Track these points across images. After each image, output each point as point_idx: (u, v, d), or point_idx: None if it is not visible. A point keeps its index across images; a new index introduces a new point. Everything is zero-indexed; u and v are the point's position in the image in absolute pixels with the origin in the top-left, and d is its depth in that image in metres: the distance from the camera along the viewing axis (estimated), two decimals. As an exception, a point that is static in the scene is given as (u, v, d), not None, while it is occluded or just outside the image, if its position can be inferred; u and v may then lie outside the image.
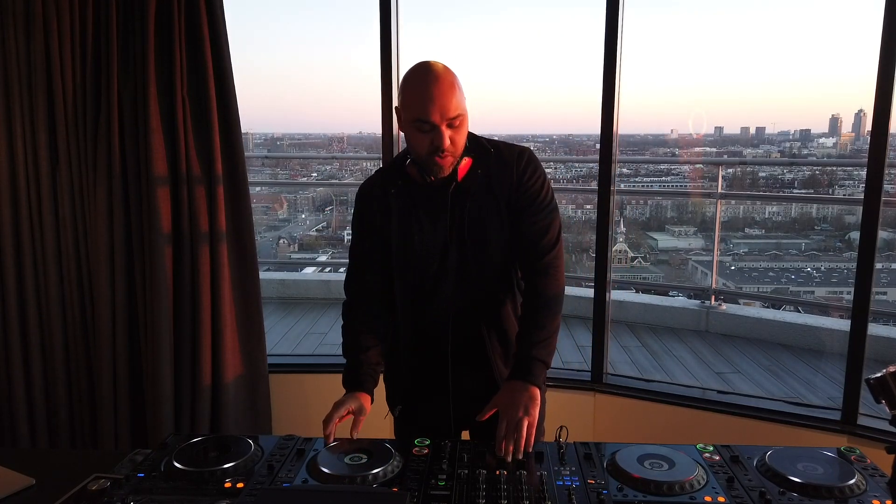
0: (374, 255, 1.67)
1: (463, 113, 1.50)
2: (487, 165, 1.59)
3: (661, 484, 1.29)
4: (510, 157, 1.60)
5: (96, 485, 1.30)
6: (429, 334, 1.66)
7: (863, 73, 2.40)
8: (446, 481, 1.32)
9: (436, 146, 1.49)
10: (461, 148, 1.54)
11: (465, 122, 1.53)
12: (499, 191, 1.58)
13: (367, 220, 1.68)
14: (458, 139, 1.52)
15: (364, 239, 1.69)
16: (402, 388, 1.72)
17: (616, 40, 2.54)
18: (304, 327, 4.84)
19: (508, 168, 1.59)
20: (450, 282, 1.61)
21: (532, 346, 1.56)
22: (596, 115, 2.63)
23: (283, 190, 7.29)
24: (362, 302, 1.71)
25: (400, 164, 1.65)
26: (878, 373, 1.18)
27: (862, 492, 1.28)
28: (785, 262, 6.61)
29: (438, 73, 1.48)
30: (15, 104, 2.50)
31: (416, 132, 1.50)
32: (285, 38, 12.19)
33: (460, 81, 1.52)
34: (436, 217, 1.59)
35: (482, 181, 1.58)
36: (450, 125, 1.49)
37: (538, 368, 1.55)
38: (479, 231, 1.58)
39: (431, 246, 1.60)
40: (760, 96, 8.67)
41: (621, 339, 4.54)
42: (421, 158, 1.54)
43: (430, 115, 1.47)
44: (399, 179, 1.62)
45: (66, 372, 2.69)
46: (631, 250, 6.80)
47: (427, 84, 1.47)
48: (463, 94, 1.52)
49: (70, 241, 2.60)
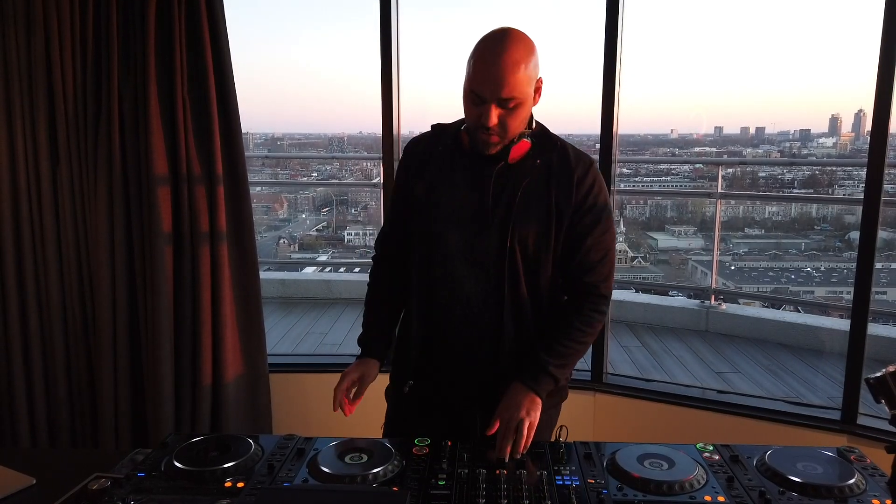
0: (405, 211, 1.61)
1: (521, 97, 1.40)
2: (549, 159, 1.51)
3: (660, 483, 1.29)
4: (574, 162, 1.52)
5: (97, 484, 1.29)
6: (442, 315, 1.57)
7: (863, 73, 2.40)
8: (446, 481, 1.32)
9: (482, 122, 1.41)
10: (514, 131, 1.46)
11: (525, 105, 1.43)
12: (554, 190, 1.49)
13: (403, 172, 1.63)
14: (510, 122, 1.43)
15: (399, 194, 1.64)
16: (412, 364, 1.63)
17: (616, 40, 2.54)
18: (304, 327, 4.84)
19: (569, 173, 1.51)
20: (470, 262, 1.52)
21: (551, 360, 1.52)
22: (596, 115, 2.63)
23: (283, 190, 7.29)
24: (387, 260, 1.70)
25: (457, 126, 1.58)
26: (878, 372, 1.18)
27: (862, 491, 1.28)
28: (785, 261, 6.61)
29: (506, 47, 1.37)
30: (15, 104, 2.50)
31: (469, 102, 1.44)
32: (285, 38, 12.19)
33: (536, 60, 1.42)
34: (473, 191, 1.51)
35: (540, 172, 1.50)
36: (501, 105, 1.40)
37: (547, 383, 1.52)
38: (524, 221, 1.49)
39: (457, 218, 1.52)
40: (760, 96, 8.68)
41: (621, 339, 4.54)
42: (470, 129, 1.49)
43: (482, 90, 1.39)
44: (450, 139, 1.56)
45: (67, 372, 2.69)
46: (631, 250, 6.80)
47: (488, 56, 1.39)
48: (531, 75, 1.41)
49: (70, 240, 2.60)
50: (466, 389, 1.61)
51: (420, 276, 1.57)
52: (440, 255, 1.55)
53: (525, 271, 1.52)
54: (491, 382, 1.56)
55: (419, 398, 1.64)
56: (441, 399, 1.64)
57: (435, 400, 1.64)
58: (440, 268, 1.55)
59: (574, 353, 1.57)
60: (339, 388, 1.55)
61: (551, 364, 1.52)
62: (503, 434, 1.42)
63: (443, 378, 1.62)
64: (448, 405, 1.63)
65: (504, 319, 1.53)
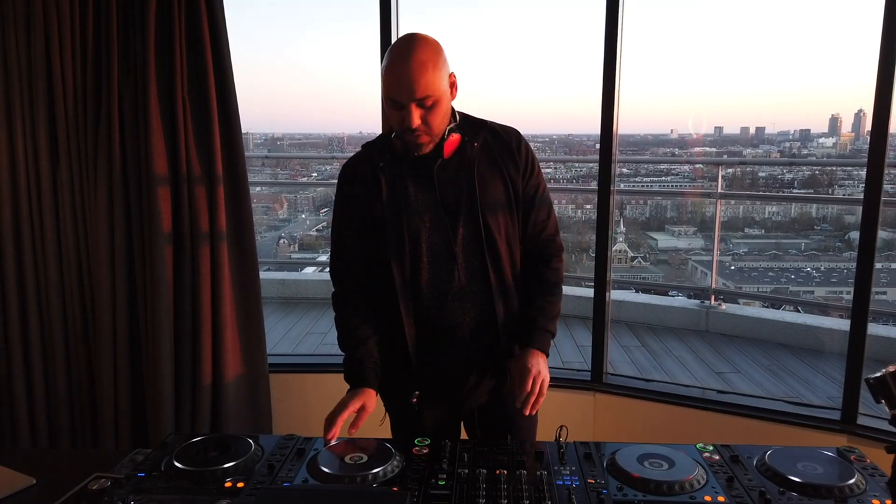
0: (360, 238, 1.62)
1: (435, 94, 1.46)
2: (485, 140, 1.59)
3: (660, 483, 1.29)
4: (507, 137, 1.62)
5: (97, 484, 1.30)
6: (433, 318, 1.60)
7: (863, 73, 2.40)
8: (446, 481, 1.32)
9: (406, 125, 1.47)
10: (438, 128, 1.51)
11: (442, 102, 1.48)
12: (503, 165, 1.58)
13: (352, 198, 1.62)
14: (432, 120, 1.48)
15: (349, 220, 1.64)
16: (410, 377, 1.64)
17: (616, 40, 2.54)
18: (304, 327, 4.84)
19: (508, 146, 1.60)
20: (457, 259, 1.57)
21: (544, 318, 1.64)
22: (596, 115, 2.63)
23: (283, 190, 7.29)
24: (353, 290, 1.66)
25: (385, 139, 1.62)
26: (878, 372, 1.18)
27: (862, 491, 1.28)
28: (785, 262, 6.61)
29: (412, 51, 1.44)
30: (15, 104, 2.50)
31: (390, 109, 1.50)
32: (285, 38, 12.19)
33: (444, 58, 1.48)
34: (427, 192, 1.56)
35: (483, 155, 1.58)
36: (420, 105, 1.46)
37: (548, 339, 1.65)
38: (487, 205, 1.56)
39: (426, 221, 1.56)
40: (760, 96, 8.68)
41: (621, 339, 4.54)
42: (398, 135, 1.54)
43: (398, 95, 1.45)
44: (387, 153, 1.60)
45: (67, 372, 2.69)
46: (631, 250, 6.80)
47: (398, 62, 1.44)
48: (442, 73, 1.47)
49: (70, 240, 2.60)
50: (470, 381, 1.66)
51: (404, 288, 1.58)
52: (420, 261, 1.57)
53: (503, 250, 1.60)
54: (492, 367, 1.65)
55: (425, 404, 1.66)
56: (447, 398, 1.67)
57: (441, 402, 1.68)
58: (424, 273, 1.58)
59: (557, 304, 1.69)
60: (338, 415, 1.47)
61: (548, 322, 1.65)
62: (536, 392, 1.52)
63: (446, 378, 1.65)
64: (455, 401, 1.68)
65: (495, 302, 1.60)
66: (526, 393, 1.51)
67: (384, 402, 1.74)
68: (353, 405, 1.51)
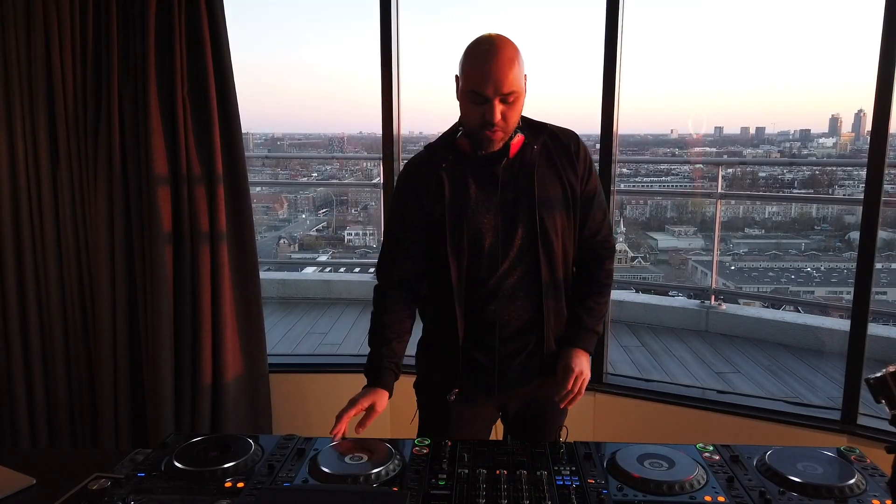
0: (413, 239, 1.64)
1: (518, 90, 1.50)
2: (544, 143, 1.62)
3: (661, 484, 1.29)
4: (566, 139, 1.64)
5: (97, 484, 1.30)
6: (482, 316, 1.62)
7: (863, 73, 2.40)
8: (446, 481, 1.32)
9: (486, 120, 1.49)
10: (513, 124, 1.55)
11: (521, 99, 1.53)
12: (562, 168, 1.61)
13: (411, 198, 1.64)
14: (510, 115, 1.52)
15: (405, 220, 1.65)
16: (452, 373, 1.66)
17: (616, 40, 2.54)
18: (304, 327, 4.84)
19: (567, 150, 1.63)
20: (512, 258, 1.60)
21: (592, 319, 1.69)
22: (596, 115, 2.63)
23: (283, 190, 7.29)
24: (395, 289, 1.67)
25: (450, 139, 1.64)
26: (878, 373, 1.18)
27: (862, 492, 1.28)
28: (785, 262, 6.61)
29: (498, 47, 1.48)
30: (15, 104, 2.50)
31: (470, 103, 1.51)
32: (285, 38, 12.19)
33: (522, 58, 1.52)
34: (489, 191, 1.59)
35: (543, 157, 1.60)
36: (503, 100, 1.49)
37: (594, 339, 1.71)
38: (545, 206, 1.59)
39: (486, 220, 1.59)
40: (760, 96, 8.67)
41: (621, 339, 4.54)
42: (472, 131, 1.56)
43: (485, 89, 1.47)
44: (450, 154, 1.62)
45: (67, 372, 2.69)
46: (631, 250, 6.80)
47: (486, 56, 1.47)
48: (522, 71, 1.52)
49: (70, 240, 2.60)
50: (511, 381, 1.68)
51: (460, 286, 1.60)
52: (479, 261, 1.60)
53: (559, 250, 1.63)
54: (535, 365, 1.68)
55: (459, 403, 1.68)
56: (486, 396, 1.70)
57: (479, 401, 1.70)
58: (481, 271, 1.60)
59: (605, 306, 1.74)
60: (345, 413, 1.51)
61: (593, 323, 1.70)
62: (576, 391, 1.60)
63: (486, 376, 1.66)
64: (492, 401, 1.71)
65: (545, 301, 1.63)
66: (567, 391, 1.59)
67: (418, 400, 1.77)
68: (362, 404, 1.53)
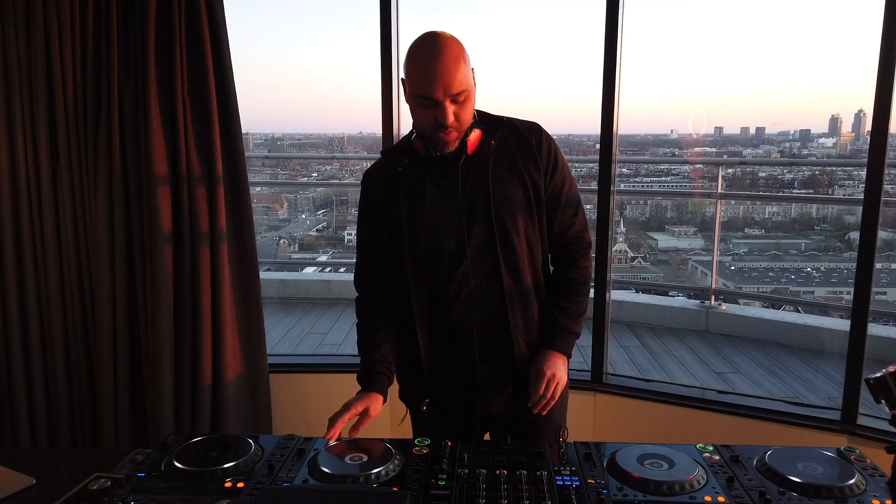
0: (382, 245, 1.62)
1: (468, 88, 1.46)
2: (504, 138, 1.56)
3: (660, 484, 1.29)
4: (527, 132, 1.58)
5: (97, 484, 1.30)
6: (447, 322, 1.59)
7: (863, 73, 2.40)
8: (446, 481, 1.32)
9: (439, 122, 1.45)
10: (467, 123, 1.50)
11: (471, 97, 1.48)
12: (522, 164, 1.55)
13: (373, 205, 1.62)
14: (462, 115, 1.48)
15: (371, 227, 1.64)
16: (423, 382, 1.63)
17: (616, 40, 2.54)
18: (304, 327, 4.84)
19: (527, 143, 1.56)
20: (469, 260, 1.54)
21: (568, 320, 1.62)
22: (596, 115, 2.63)
23: (283, 190, 7.29)
24: (373, 296, 1.66)
25: (405, 142, 1.60)
26: (878, 373, 1.18)
27: (862, 492, 1.28)
28: (785, 262, 6.61)
29: (442, 47, 1.43)
30: (15, 104, 2.50)
31: (419, 107, 1.47)
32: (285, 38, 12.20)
33: (467, 53, 1.47)
34: (447, 192, 1.54)
35: (501, 153, 1.55)
36: (454, 101, 1.45)
37: (571, 341, 1.63)
38: (502, 204, 1.53)
39: (444, 222, 1.54)
40: (760, 96, 8.67)
41: (621, 339, 4.54)
42: (425, 133, 1.51)
43: (433, 92, 1.43)
44: (406, 157, 1.58)
45: (67, 372, 2.69)
46: (631, 250, 6.80)
47: (430, 58, 1.42)
48: (469, 67, 1.47)
49: (70, 240, 2.60)
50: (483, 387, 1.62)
51: (420, 290, 1.57)
52: (439, 265, 1.56)
53: (522, 252, 1.56)
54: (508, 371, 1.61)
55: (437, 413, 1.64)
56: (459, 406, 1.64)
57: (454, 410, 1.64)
58: (443, 275, 1.56)
59: (583, 305, 1.67)
60: (339, 417, 1.49)
61: (570, 323, 1.63)
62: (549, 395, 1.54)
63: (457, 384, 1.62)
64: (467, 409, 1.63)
65: (509, 306, 1.57)
66: (539, 395, 1.54)
67: (406, 405, 1.75)
68: (356, 408, 1.52)
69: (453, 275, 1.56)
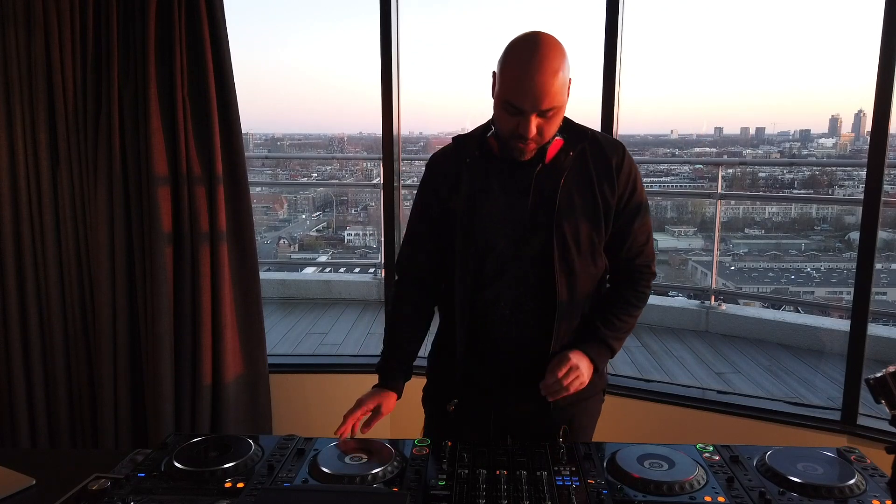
0: (431, 233, 1.57)
1: (559, 104, 1.38)
2: (583, 150, 1.48)
3: (660, 484, 1.29)
4: (609, 151, 1.50)
5: (97, 485, 1.30)
6: (484, 322, 1.52)
7: (863, 73, 2.40)
8: (446, 481, 1.32)
9: (520, 133, 1.38)
10: (549, 137, 1.43)
11: (561, 111, 1.41)
12: (596, 182, 1.47)
13: (432, 192, 1.56)
14: (547, 129, 1.40)
15: (424, 214, 1.58)
16: (454, 381, 1.58)
17: (616, 40, 2.54)
18: (304, 327, 4.84)
19: (607, 162, 1.49)
20: (522, 267, 1.48)
21: (609, 332, 1.53)
22: (596, 115, 2.63)
23: (283, 190, 7.29)
24: (411, 285, 1.63)
25: (480, 132, 1.52)
26: (878, 373, 1.18)
27: (862, 492, 1.28)
28: (785, 262, 6.60)
29: (543, 56, 1.33)
30: (15, 104, 2.50)
31: (503, 111, 1.39)
32: (286, 38, 12.20)
33: (568, 64, 1.37)
34: (512, 194, 1.47)
35: (577, 166, 1.47)
36: (540, 115, 1.36)
37: (605, 354, 1.54)
38: (567, 218, 1.45)
39: (502, 224, 1.47)
40: (760, 97, 8.67)
41: (621, 339, 4.53)
42: (503, 136, 1.43)
43: (521, 103, 1.35)
44: (476, 149, 1.50)
45: (67, 372, 2.69)
46: (631, 250, 6.77)
47: (527, 66, 1.33)
48: (566, 80, 1.38)
49: (70, 240, 2.60)
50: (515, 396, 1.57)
51: (465, 288, 1.51)
52: (488, 264, 1.50)
53: (580, 267, 1.49)
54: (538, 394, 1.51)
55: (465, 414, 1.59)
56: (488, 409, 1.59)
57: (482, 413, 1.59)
58: (489, 277, 1.51)
59: (628, 327, 1.58)
60: (352, 413, 1.49)
61: (609, 336, 1.53)
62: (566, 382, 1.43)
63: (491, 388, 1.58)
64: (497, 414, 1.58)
65: (557, 321, 1.49)
66: (554, 379, 1.43)
67: (424, 405, 1.71)
68: (368, 405, 1.52)
69: (499, 279, 1.50)
